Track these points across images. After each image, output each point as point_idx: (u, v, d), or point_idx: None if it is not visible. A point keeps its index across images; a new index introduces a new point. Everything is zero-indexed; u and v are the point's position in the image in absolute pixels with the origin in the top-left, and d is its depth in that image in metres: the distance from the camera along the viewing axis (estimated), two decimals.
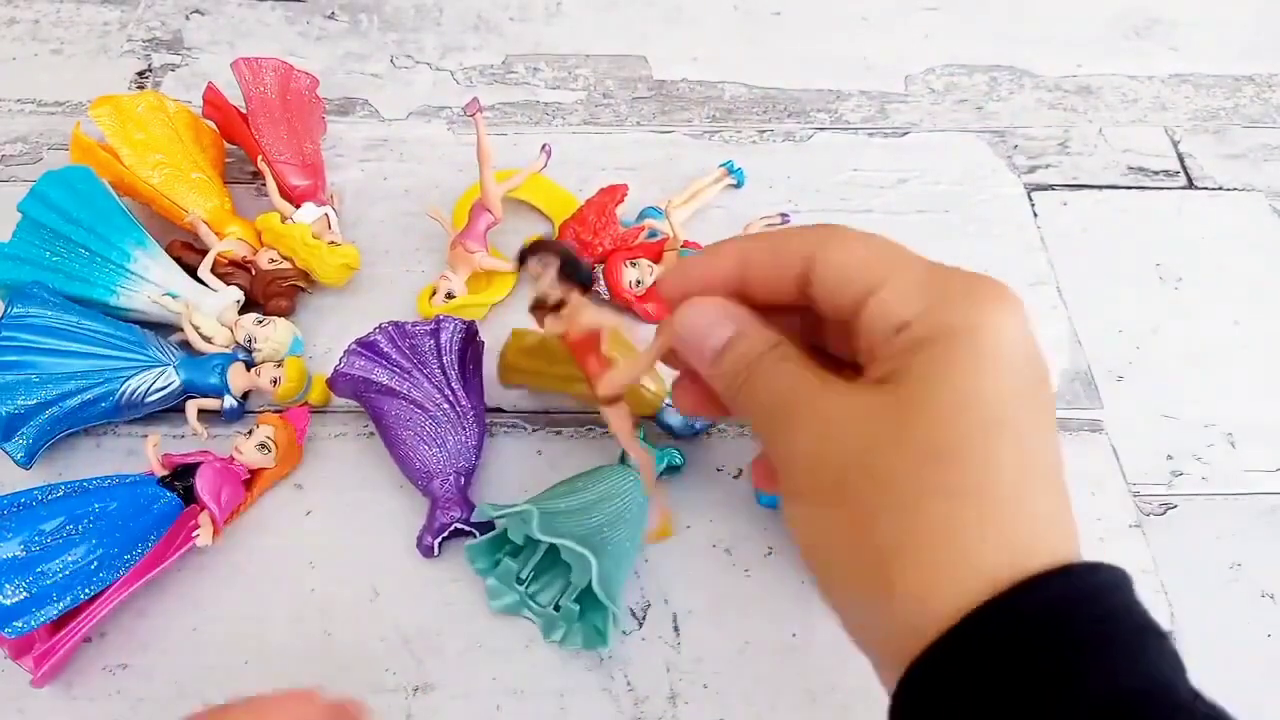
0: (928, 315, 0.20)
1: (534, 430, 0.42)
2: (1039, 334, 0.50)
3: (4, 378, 0.38)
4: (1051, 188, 0.53)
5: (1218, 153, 0.54)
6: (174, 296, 0.42)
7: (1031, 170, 0.53)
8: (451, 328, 0.40)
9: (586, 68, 0.57)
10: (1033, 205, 0.52)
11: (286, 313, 0.44)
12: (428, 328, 0.39)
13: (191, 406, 0.41)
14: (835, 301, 0.22)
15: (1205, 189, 0.53)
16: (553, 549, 0.36)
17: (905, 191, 0.52)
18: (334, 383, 0.40)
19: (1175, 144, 0.55)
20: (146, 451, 0.38)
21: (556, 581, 0.37)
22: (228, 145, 0.49)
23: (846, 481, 0.20)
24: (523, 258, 0.27)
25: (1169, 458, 0.43)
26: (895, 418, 0.20)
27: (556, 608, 0.36)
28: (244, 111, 0.48)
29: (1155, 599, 0.39)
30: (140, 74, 0.55)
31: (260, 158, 0.47)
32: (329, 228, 0.46)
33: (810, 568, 0.25)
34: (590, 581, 0.33)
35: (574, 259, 0.26)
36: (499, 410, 0.43)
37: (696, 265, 0.25)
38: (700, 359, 0.24)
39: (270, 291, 0.44)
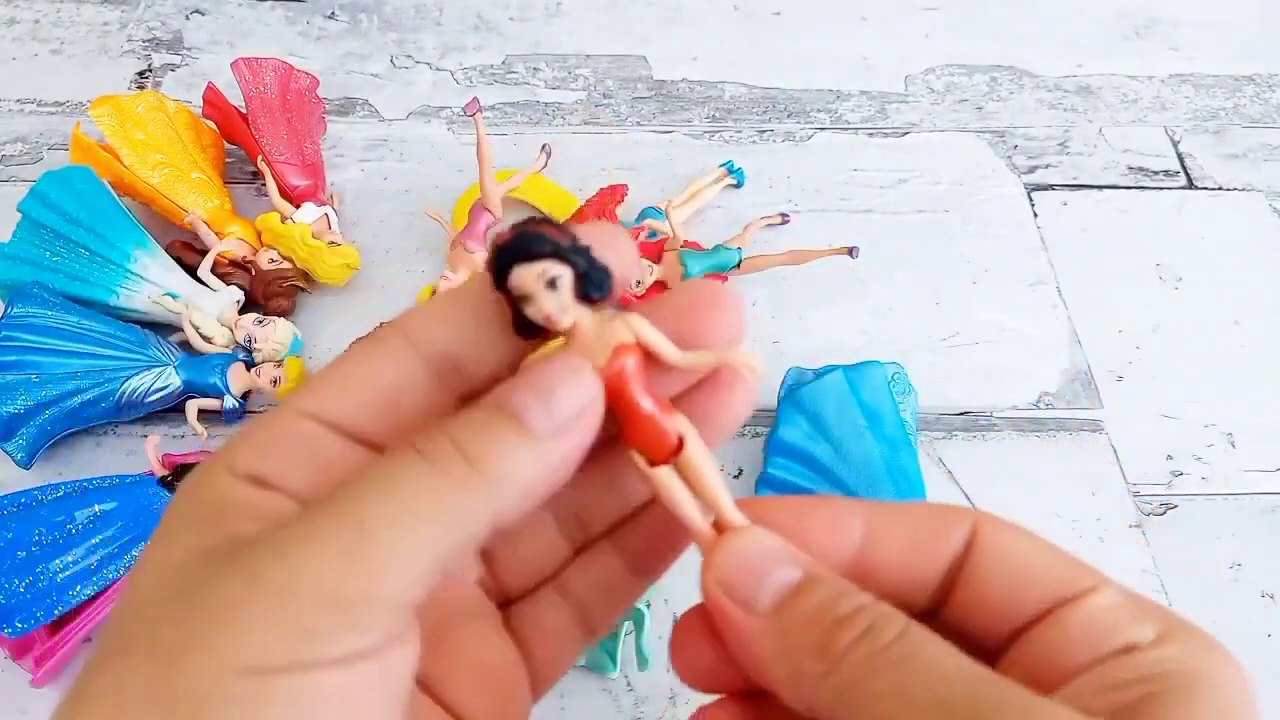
0: (1164, 645, 0.16)
1: None
2: (1039, 334, 0.50)
3: (4, 378, 0.38)
4: (1051, 188, 0.53)
5: (1218, 153, 0.54)
6: (174, 296, 0.42)
7: (1031, 170, 0.53)
8: None
9: (586, 68, 0.57)
10: (1033, 205, 0.52)
11: (287, 313, 0.44)
12: None
13: (191, 406, 0.41)
14: (1001, 601, 0.17)
15: (1205, 189, 0.53)
16: None
17: (905, 191, 0.52)
18: None
19: (1175, 144, 0.55)
20: (146, 451, 0.38)
21: None
22: (228, 145, 0.49)
23: None
24: (508, 259, 0.17)
25: (1169, 458, 0.43)
26: None
27: None
28: (244, 111, 0.48)
29: (1155, 599, 0.39)
30: (140, 74, 0.55)
31: (260, 158, 0.47)
32: (329, 228, 0.46)
33: None
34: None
35: (592, 261, 0.18)
36: None
37: (815, 527, 0.18)
38: (748, 604, 0.17)
39: (270, 291, 0.44)
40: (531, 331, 0.18)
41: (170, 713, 0.13)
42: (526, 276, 0.17)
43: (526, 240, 0.17)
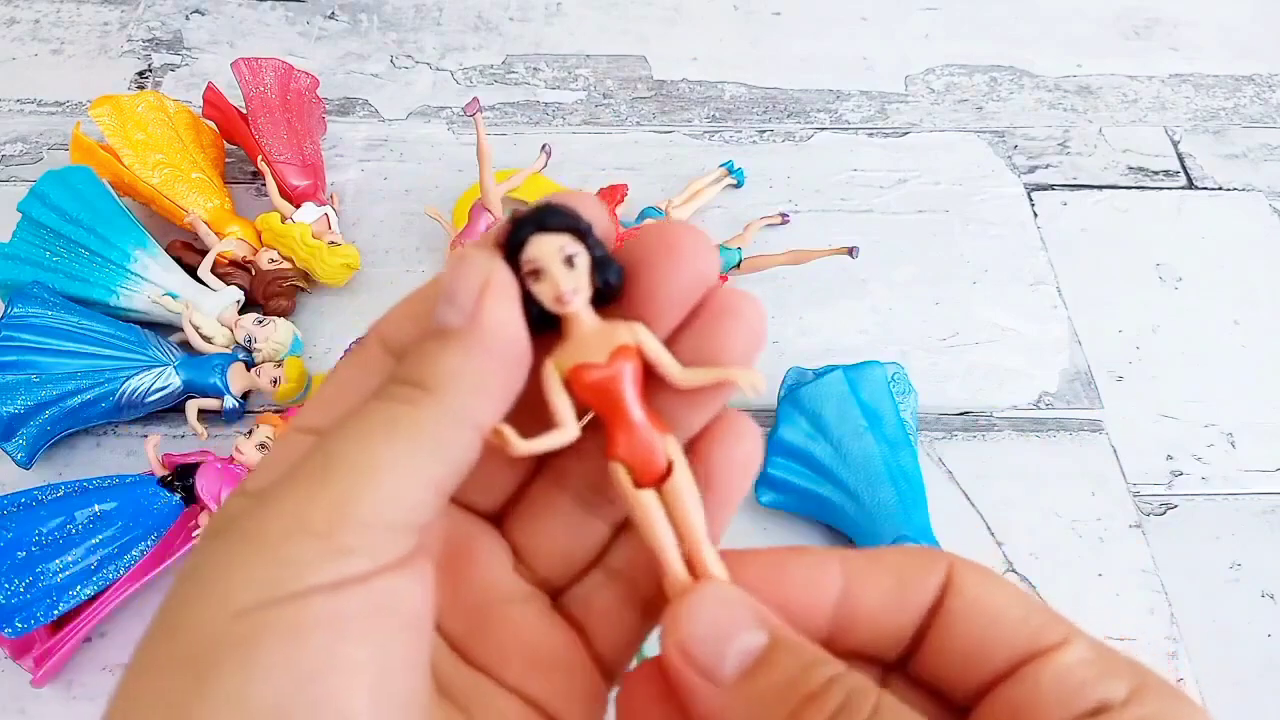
0: (1137, 704, 0.16)
1: None
2: (1039, 334, 0.50)
3: (4, 378, 0.38)
4: (1051, 188, 0.53)
5: (1218, 153, 0.54)
6: (174, 296, 0.42)
7: (1031, 170, 0.53)
8: None
9: (586, 68, 0.57)
10: (1033, 205, 0.52)
11: (286, 313, 0.44)
12: None
13: (191, 406, 0.41)
14: (970, 652, 0.16)
15: (1205, 189, 0.53)
16: None
17: (905, 191, 0.52)
18: None
19: (1175, 144, 0.55)
20: (147, 451, 0.38)
21: None
22: (228, 145, 0.49)
23: None
24: (528, 229, 0.17)
25: (1169, 458, 0.43)
26: None
27: None
28: (244, 112, 0.48)
29: (1155, 599, 0.39)
30: (140, 74, 0.55)
31: (260, 158, 0.47)
32: (329, 228, 0.46)
33: None
34: None
35: (609, 254, 0.17)
36: None
37: (794, 579, 0.17)
38: (709, 672, 0.16)
39: (270, 291, 0.44)
40: (538, 320, 0.17)
41: (178, 672, 0.14)
42: (546, 248, 0.17)
43: (550, 212, 0.17)
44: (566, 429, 0.17)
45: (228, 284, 0.44)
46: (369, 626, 0.14)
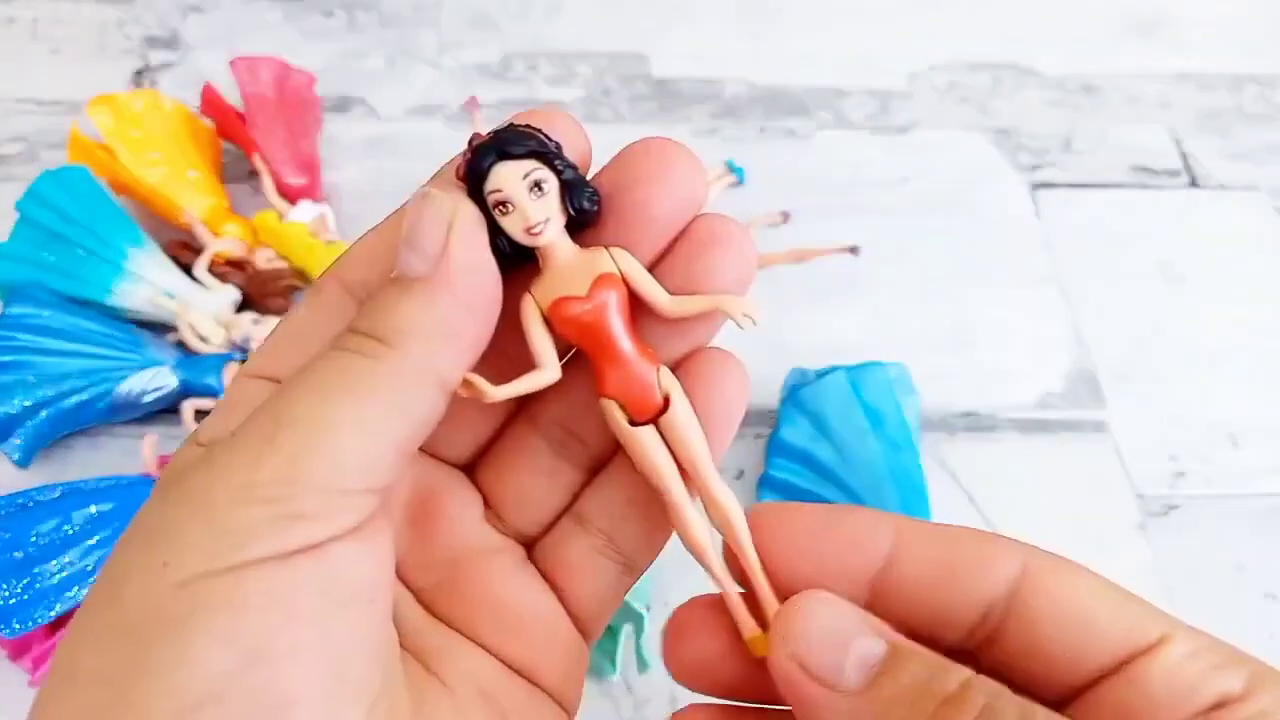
0: (1257, 696, 0.15)
1: None
2: (1042, 334, 0.49)
3: (1, 378, 0.38)
4: (1054, 186, 0.52)
5: (1221, 152, 0.54)
6: (170, 296, 0.42)
7: (1034, 169, 0.53)
8: None
9: (586, 65, 0.57)
10: (1035, 204, 0.51)
11: (283, 312, 0.44)
12: None
13: (188, 407, 0.40)
14: (1061, 653, 0.15)
15: (1209, 188, 0.53)
16: None
17: (908, 190, 0.51)
18: None
19: (1178, 143, 0.55)
20: (144, 452, 0.38)
21: None
22: (225, 143, 0.49)
23: None
24: (488, 157, 0.16)
25: (1172, 458, 0.43)
26: None
27: None
28: (241, 110, 0.47)
29: (1158, 600, 0.39)
30: (138, 72, 0.55)
31: (257, 156, 0.46)
32: (326, 227, 0.46)
33: None
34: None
35: (580, 174, 0.16)
36: None
37: (835, 533, 0.16)
38: (830, 681, 0.15)
39: (267, 291, 0.44)
40: (510, 255, 0.16)
41: (118, 646, 0.13)
42: (509, 176, 0.15)
43: (510, 137, 0.16)
44: (547, 369, 0.16)
45: (224, 283, 0.44)
46: (320, 602, 0.13)
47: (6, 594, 0.33)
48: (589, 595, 0.18)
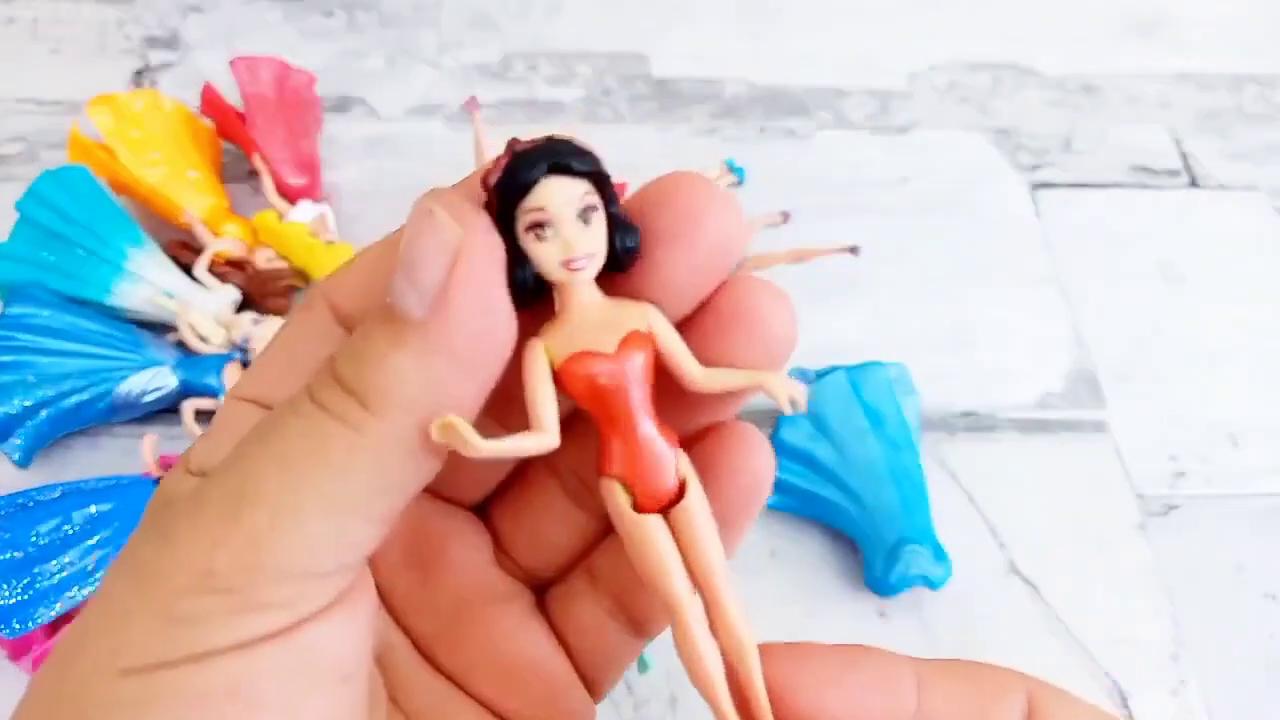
0: None
1: None
2: (1042, 334, 0.49)
3: (1, 378, 0.38)
4: (1054, 186, 0.52)
5: (1221, 152, 0.54)
6: (170, 296, 0.42)
7: (1034, 169, 0.53)
8: None
9: (586, 65, 0.57)
10: (1036, 204, 0.51)
11: (283, 312, 0.44)
12: None
13: (188, 407, 0.40)
14: None
15: (1209, 188, 0.53)
16: None
17: (907, 189, 0.51)
18: None
19: (1178, 143, 0.55)
20: (144, 452, 0.38)
21: None
22: (225, 144, 0.49)
23: None
24: (538, 168, 0.13)
25: (1172, 459, 0.43)
26: None
27: None
28: (241, 110, 0.47)
29: (1158, 601, 0.39)
30: (138, 72, 0.55)
31: (257, 156, 0.46)
32: (326, 227, 0.46)
33: None
34: None
35: (622, 210, 0.14)
36: None
37: (861, 678, 0.15)
38: None
39: (267, 291, 0.44)
40: (523, 291, 0.13)
41: None
42: (561, 196, 0.13)
43: (567, 149, 0.13)
44: (547, 434, 0.14)
45: (224, 283, 0.44)
46: (287, 689, 0.12)
47: (6, 594, 0.33)
48: (597, 655, 0.17)
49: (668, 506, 0.14)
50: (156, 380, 0.40)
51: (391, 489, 0.13)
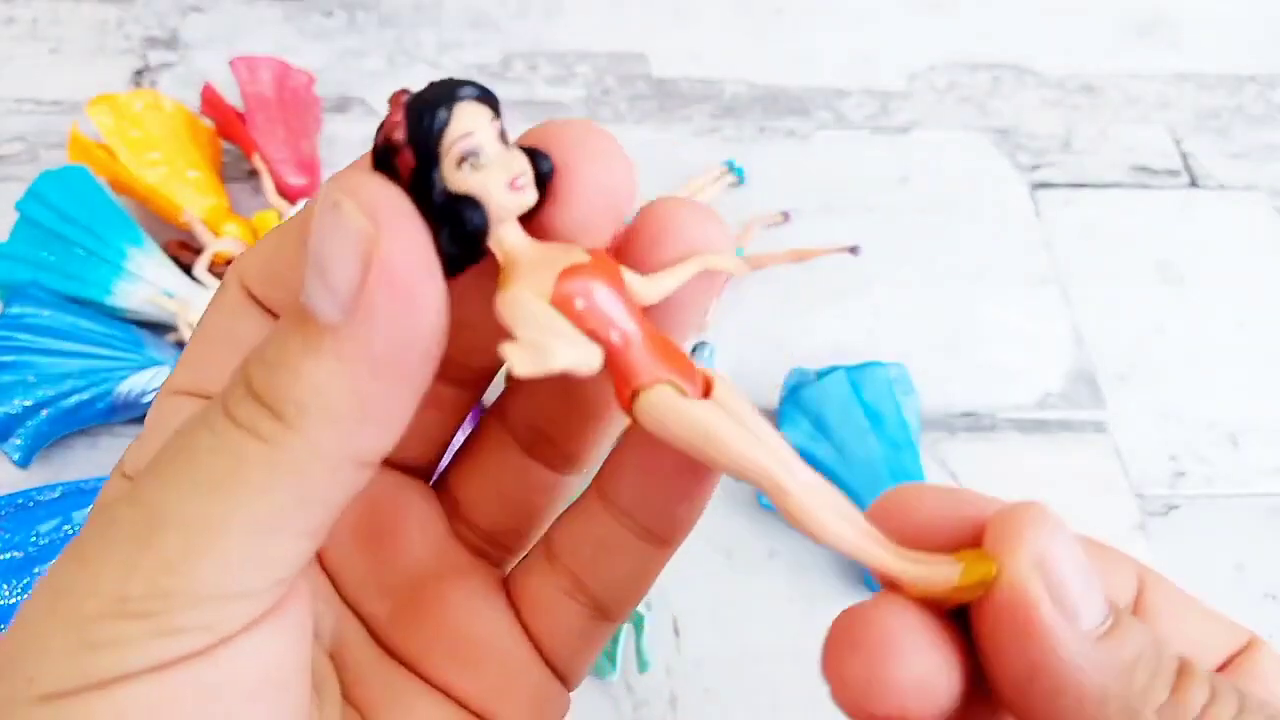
0: None
1: None
2: (1042, 334, 0.49)
3: (1, 378, 0.38)
4: (1054, 186, 0.52)
5: (1221, 152, 0.54)
6: (170, 296, 0.42)
7: (1034, 169, 0.53)
8: None
9: (586, 65, 0.57)
10: (1035, 204, 0.51)
11: None
12: None
13: None
14: (1185, 648, 0.14)
15: (1209, 188, 0.53)
16: None
17: (907, 190, 0.51)
18: None
19: (1178, 143, 0.55)
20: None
21: None
22: (225, 144, 0.49)
23: None
24: (444, 96, 0.12)
25: (1172, 459, 0.43)
26: None
27: None
28: (241, 110, 0.47)
29: None
30: (138, 72, 0.55)
31: (257, 156, 0.46)
32: None
33: None
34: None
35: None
36: None
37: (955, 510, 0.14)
38: (1073, 612, 0.12)
39: None
40: (456, 259, 0.12)
41: None
42: (481, 118, 0.12)
43: (460, 81, 0.12)
44: (587, 347, 0.12)
45: None
46: (211, 709, 0.12)
47: (6, 594, 0.33)
48: (558, 638, 0.16)
49: (708, 392, 0.13)
50: (156, 380, 0.40)
51: (316, 503, 0.12)
